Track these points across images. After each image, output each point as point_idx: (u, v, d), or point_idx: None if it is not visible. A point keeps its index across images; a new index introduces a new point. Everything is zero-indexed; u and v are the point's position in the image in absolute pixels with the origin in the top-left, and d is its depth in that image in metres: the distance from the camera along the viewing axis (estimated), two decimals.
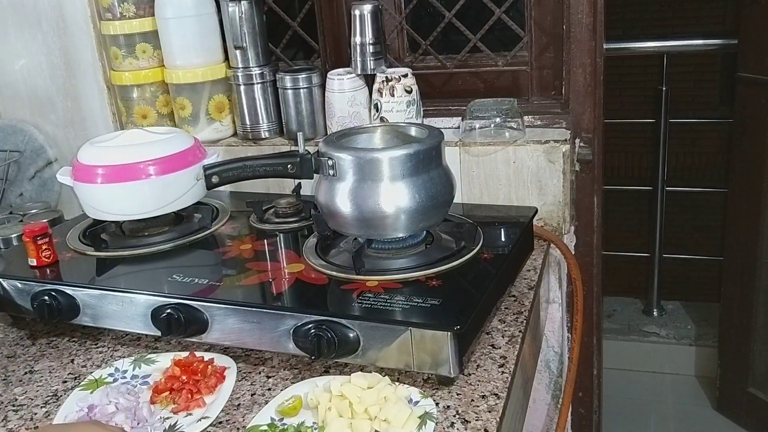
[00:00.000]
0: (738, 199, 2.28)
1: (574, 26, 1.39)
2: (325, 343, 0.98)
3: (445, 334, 0.94)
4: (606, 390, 1.75)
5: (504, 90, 1.57)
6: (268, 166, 1.20)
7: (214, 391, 1.03)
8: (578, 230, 1.50)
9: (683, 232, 4.08)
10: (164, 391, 1.02)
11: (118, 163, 1.30)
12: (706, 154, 4.23)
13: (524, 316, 1.16)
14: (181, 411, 0.99)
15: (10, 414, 1.04)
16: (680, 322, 2.97)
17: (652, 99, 2.93)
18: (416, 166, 1.10)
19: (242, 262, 1.21)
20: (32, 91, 1.76)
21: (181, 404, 1.00)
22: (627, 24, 4.19)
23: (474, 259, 1.15)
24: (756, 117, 2.14)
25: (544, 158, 1.42)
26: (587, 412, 1.64)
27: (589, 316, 1.54)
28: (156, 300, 1.11)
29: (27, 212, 1.65)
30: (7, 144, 1.79)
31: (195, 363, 1.05)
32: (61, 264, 1.27)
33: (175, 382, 1.02)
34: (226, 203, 1.50)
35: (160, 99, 1.65)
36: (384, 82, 1.44)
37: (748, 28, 2.14)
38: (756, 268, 2.26)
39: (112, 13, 1.59)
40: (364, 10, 1.46)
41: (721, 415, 2.55)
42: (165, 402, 1.01)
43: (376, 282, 1.08)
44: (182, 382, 1.02)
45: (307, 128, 1.56)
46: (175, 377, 1.03)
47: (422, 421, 0.91)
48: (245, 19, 1.53)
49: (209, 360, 1.07)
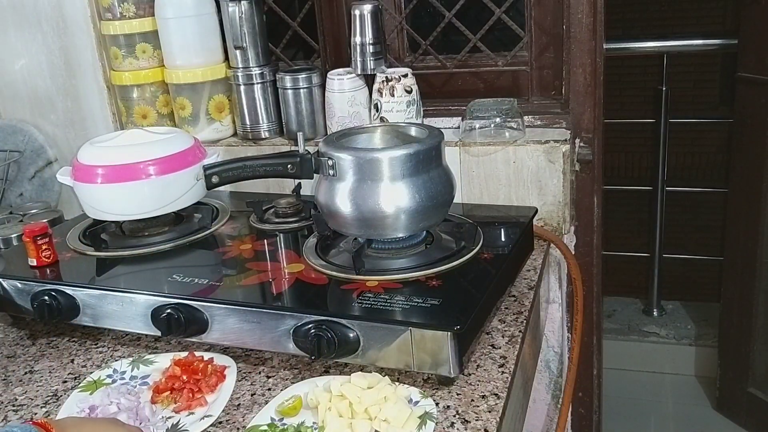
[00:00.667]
0: (738, 199, 2.28)
1: (574, 26, 1.39)
2: (325, 343, 0.99)
3: (445, 334, 0.94)
4: (606, 390, 1.75)
5: (504, 90, 1.57)
6: (268, 166, 1.20)
7: (215, 390, 1.02)
8: (578, 230, 1.50)
9: (683, 232, 4.08)
10: (165, 391, 1.02)
11: (118, 163, 1.30)
12: (706, 154, 4.23)
13: (524, 316, 1.16)
14: (183, 410, 0.99)
15: (10, 414, 1.04)
16: (680, 322, 2.97)
17: (652, 99, 2.93)
18: (416, 166, 1.10)
19: (242, 262, 1.21)
20: (32, 91, 1.76)
21: (182, 403, 1.00)
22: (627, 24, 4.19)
23: (474, 259, 1.15)
24: (756, 117, 2.14)
25: (544, 158, 1.42)
26: (587, 412, 1.64)
27: (589, 316, 1.54)
28: (156, 300, 1.11)
29: (27, 212, 1.66)
30: (7, 144, 1.79)
31: (195, 362, 1.05)
32: (61, 264, 1.27)
33: (176, 381, 1.02)
34: (226, 203, 1.50)
35: (160, 99, 1.65)
36: (384, 82, 1.44)
37: (748, 28, 2.14)
38: (756, 268, 2.26)
39: (112, 13, 1.59)
40: (364, 10, 1.46)
41: (721, 415, 2.54)
42: (166, 401, 1.01)
43: (376, 282, 1.08)
44: (183, 382, 1.02)
45: (307, 128, 1.56)
46: (175, 377, 1.03)
47: (422, 421, 0.91)
48: (245, 19, 1.53)
49: (209, 359, 1.07)
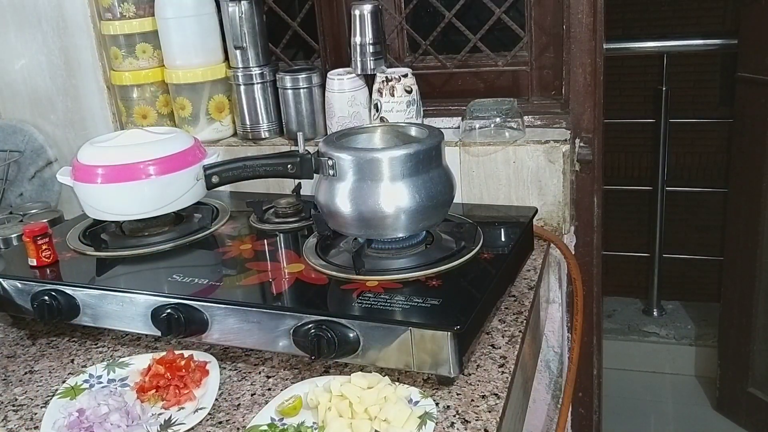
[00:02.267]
0: (738, 199, 2.28)
1: (574, 26, 1.39)
2: (325, 343, 0.99)
3: (445, 334, 0.94)
4: (606, 390, 1.75)
5: (504, 90, 1.57)
6: (268, 166, 1.20)
7: (201, 385, 1.03)
8: (578, 230, 1.50)
9: (683, 232, 4.08)
10: (150, 390, 1.03)
11: (118, 163, 1.30)
12: (706, 154, 4.22)
13: (524, 316, 1.16)
14: (173, 406, 1.00)
15: (10, 414, 1.04)
16: (680, 322, 2.97)
17: (652, 99, 2.93)
18: (416, 166, 1.10)
19: (242, 262, 1.21)
20: (32, 91, 1.76)
21: (171, 400, 1.01)
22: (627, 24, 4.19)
23: (474, 259, 1.15)
24: (756, 117, 2.14)
25: (544, 158, 1.42)
26: (587, 412, 1.64)
27: (589, 316, 1.54)
28: (156, 300, 1.11)
29: (27, 212, 1.66)
30: (7, 144, 1.79)
31: (177, 359, 1.06)
32: (61, 264, 1.27)
33: (161, 379, 1.03)
34: (226, 203, 1.50)
35: (160, 99, 1.65)
36: (384, 82, 1.44)
37: (748, 28, 2.14)
38: (756, 268, 2.25)
39: (112, 13, 1.59)
40: (364, 10, 1.46)
41: (721, 415, 2.54)
42: (153, 400, 1.02)
43: (376, 282, 1.08)
44: (168, 379, 1.03)
45: (307, 128, 1.56)
46: (159, 375, 1.04)
47: (422, 421, 0.91)
48: (245, 19, 1.53)
49: (189, 356, 1.08)
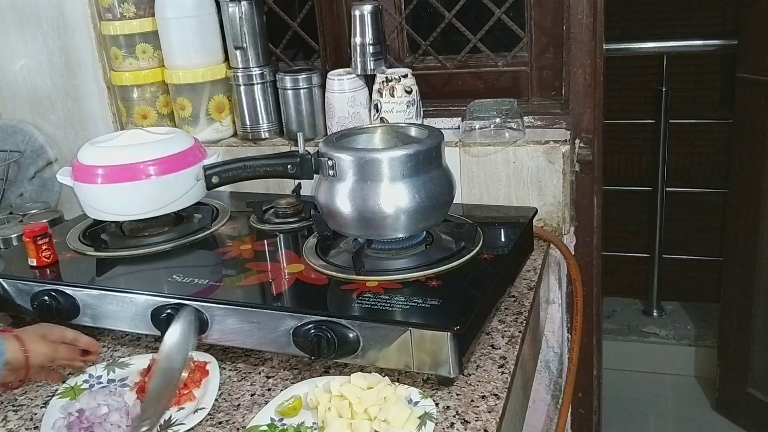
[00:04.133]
0: (738, 199, 2.28)
1: (574, 27, 1.39)
2: (325, 343, 0.99)
3: (444, 334, 0.95)
4: (606, 390, 1.75)
5: (504, 90, 1.57)
6: (268, 166, 1.20)
7: (201, 385, 1.03)
8: (578, 231, 1.50)
9: (683, 232, 4.07)
10: None
11: (118, 163, 1.30)
12: (706, 155, 4.22)
13: (524, 316, 1.16)
14: (172, 406, 1.00)
15: (10, 414, 1.04)
16: (680, 322, 2.97)
17: (651, 99, 2.92)
18: (416, 167, 1.10)
19: (242, 263, 1.21)
20: (32, 91, 1.76)
21: None
22: (627, 24, 4.18)
23: (474, 259, 1.15)
24: (756, 117, 2.14)
25: (544, 159, 1.42)
26: (587, 412, 1.64)
27: (588, 317, 1.54)
28: (156, 300, 1.11)
29: (27, 212, 1.66)
30: (7, 144, 1.79)
31: None
32: (61, 264, 1.27)
33: None
34: (226, 203, 1.50)
35: (160, 99, 1.65)
36: (384, 82, 1.44)
37: (748, 29, 2.14)
38: (756, 268, 2.25)
39: (112, 14, 1.59)
40: (364, 10, 1.46)
41: (721, 415, 2.54)
42: None
43: (376, 282, 1.08)
44: None
45: (307, 128, 1.56)
46: None
47: (422, 422, 0.91)
48: (245, 19, 1.53)
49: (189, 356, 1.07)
